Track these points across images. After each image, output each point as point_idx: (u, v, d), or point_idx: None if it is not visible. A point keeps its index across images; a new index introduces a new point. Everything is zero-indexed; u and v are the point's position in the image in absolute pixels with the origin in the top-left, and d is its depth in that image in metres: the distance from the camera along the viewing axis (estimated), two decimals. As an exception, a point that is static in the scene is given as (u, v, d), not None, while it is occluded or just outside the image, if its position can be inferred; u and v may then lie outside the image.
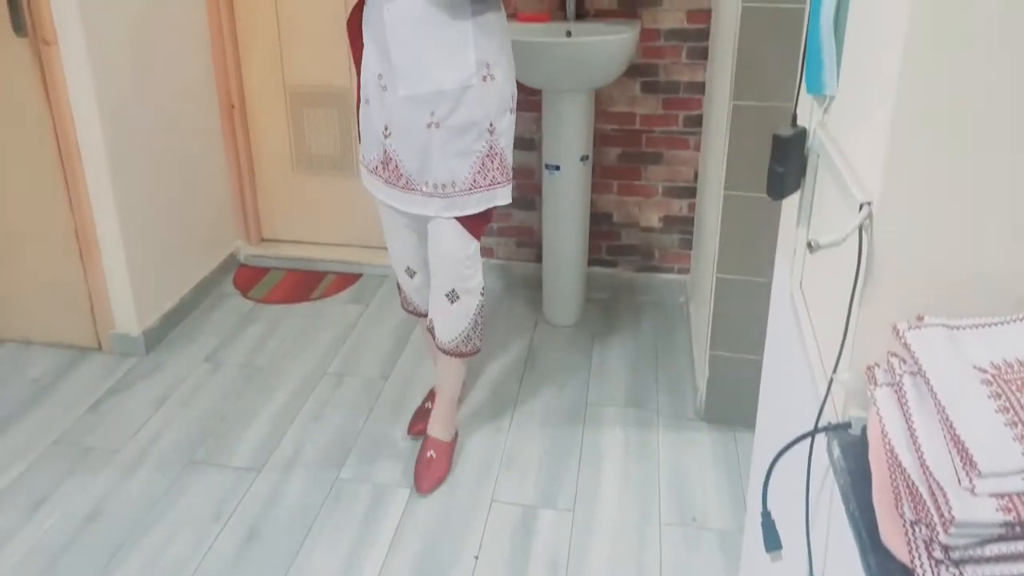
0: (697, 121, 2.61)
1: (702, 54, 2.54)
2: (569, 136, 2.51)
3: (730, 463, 2.12)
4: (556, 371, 2.51)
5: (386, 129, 1.83)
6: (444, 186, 1.83)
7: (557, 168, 2.54)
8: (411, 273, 2.07)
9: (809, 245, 0.80)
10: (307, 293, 2.97)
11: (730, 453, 2.15)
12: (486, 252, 2.92)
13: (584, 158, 2.55)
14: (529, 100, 2.64)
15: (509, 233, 2.90)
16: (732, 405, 2.18)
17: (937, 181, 0.78)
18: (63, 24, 2.25)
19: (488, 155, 1.84)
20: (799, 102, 1.05)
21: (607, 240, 2.83)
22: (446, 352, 2.03)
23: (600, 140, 2.69)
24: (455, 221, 1.87)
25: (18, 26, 2.26)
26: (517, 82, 1.88)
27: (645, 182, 2.73)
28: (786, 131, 1.01)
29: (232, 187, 3.04)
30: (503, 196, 1.88)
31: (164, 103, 2.62)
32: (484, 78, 1.78)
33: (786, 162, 1.02)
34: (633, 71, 2.56)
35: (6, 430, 2.27)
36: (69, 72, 2.30)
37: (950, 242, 0.79)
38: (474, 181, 1.83)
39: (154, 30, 2.56)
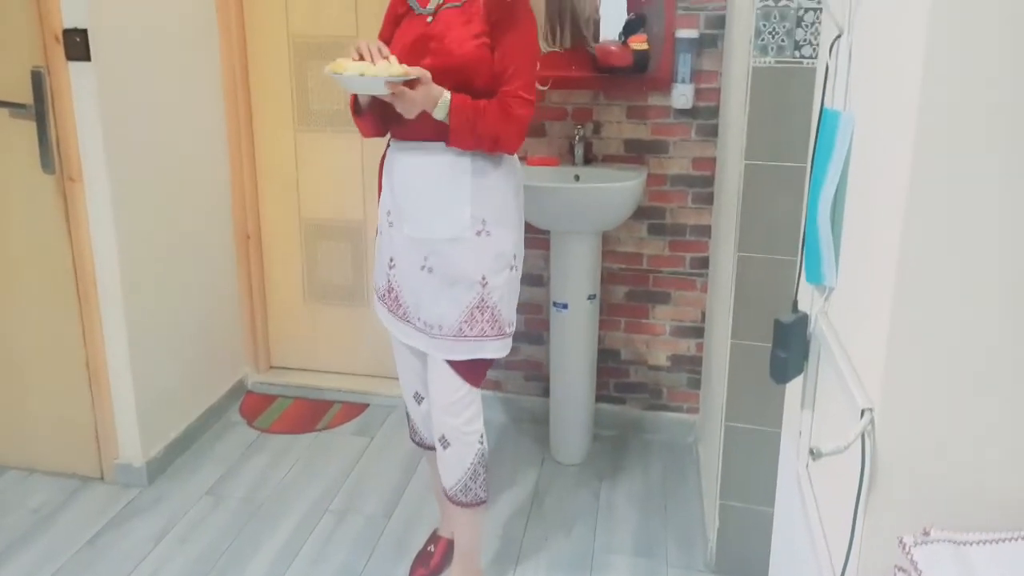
0: (704, 263, 2.65)
1: (708, 199, 2.60)
2: (577, 275, 2.55)
3: (741, 620, 2.05)
4: (563, 513, 2.46)
5: (391, 261, 1.92)
6: (433, 327, 1.86)
7: (565, 306, 2.57)
8: (419, 399, 2.06)
9: (811, 452, 0.80)
10: (313, 423, 2.95)
11: (741, 608, 2.08)
12: (493, 385, 2.92)
13: (592, 297, 2.58)
14: (538, 238, 2.70)
15: (517, 367, 2.91)
16: (744, 558, 2.12)
17: (939, 389, 0.78)
18: (89, 162, 2.34)
19: (478, 307, 1.84)
20: (800, 287, 1.07)
21: (615, 377, 2.83)
22: (449, 498, 2.00)
23: (608, 278, 2.73)
24: (445, 362, 1.88)
25: (46, 164, 2.34)
26: (526, 221, 1.94)
27: (653, 321, 2.74)
28: (787, 317, 1.02)
29: (244, 315, 3.08)
30: (492, 350, 1.87)
31: (182, 235, 2.69)
32: (478, 233, 1.81)
33: (788, 347, 1.03)
34: (640, 213, 2.62)
35: (4, 563, 2.22)
36: (91, 208, 2.37)
37: (955, 452, 0.78)
38: (460, 329, 1.84)
39: (177, 167, 2.65)
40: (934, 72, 0.72)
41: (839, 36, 0.96)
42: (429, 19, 1.80)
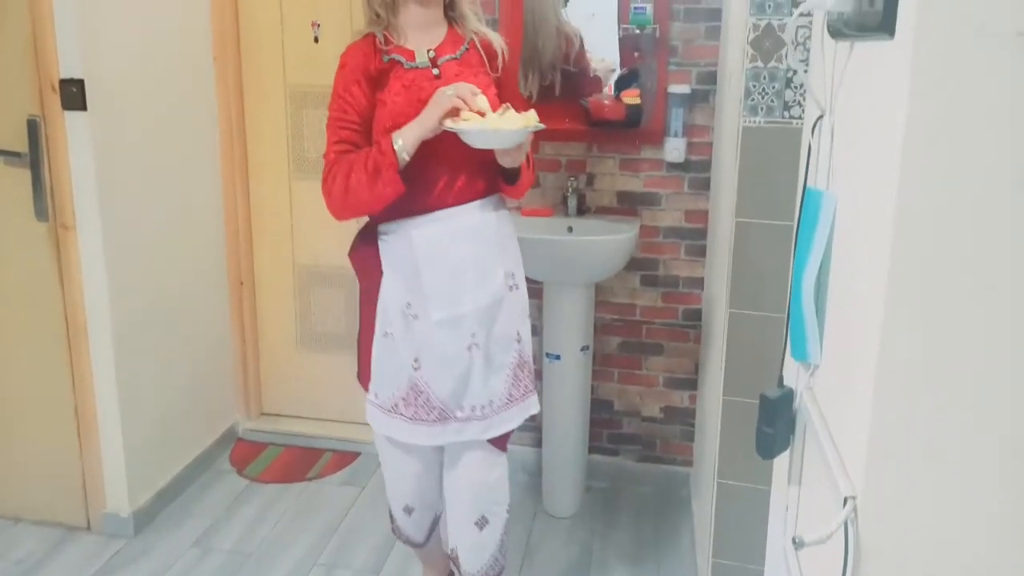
0: (696, 315, 2.65)
1: (700, 251, 2.60)
2: (570, 327, 2.54)
3: None
4: (555, 569, 2.42)
5: (416, 361, 1.72)
6: (483, 407, 1.75)
7: (558, 357, 2.56)
8: (409, 511, 1.94)
9: (794, 542, 0.79)
10: (303, 472, 2.92)
11: (733, 671, 2.04)
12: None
13: (585, 348, 2.57)
14: (531, 288, 2.69)
15: (509, 417, 2.88)
16: (735, 618, 2.08)
17: (924, 477, 0.77)
18: (82, 210, 2.34)
19: (519, 365, 1.79)
20: (785, 363, 1.07)
21: (608, 428, 2.81)
22: None
23: (601, 329, 2.72)
24: (485, 442, 1.79)
25: (40, 211, 2.35)
26: None
27: (646, 372, 2.73)
28: (773, 392, 1.02)
29: (235, 361, 3.07)
30: (534, 404, 1.82)
31: (175, 282, 2.69)
32: (510, 288, 1.77)
33: (774, 423, 1.02)
34: (633, 265, 2.63)
35: (-19, 620, 2.19)
36: (84, 256, 2.37)
37: (940, 543, 0.77)
38: (510, 395, 1.77)
39: (171, 214, 2.65)
40: (913, 154, 0.73)
41: (821, 116, 0.97)
42: (435, 71, 1.71)
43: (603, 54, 2.65)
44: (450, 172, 1.70)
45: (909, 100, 0.73)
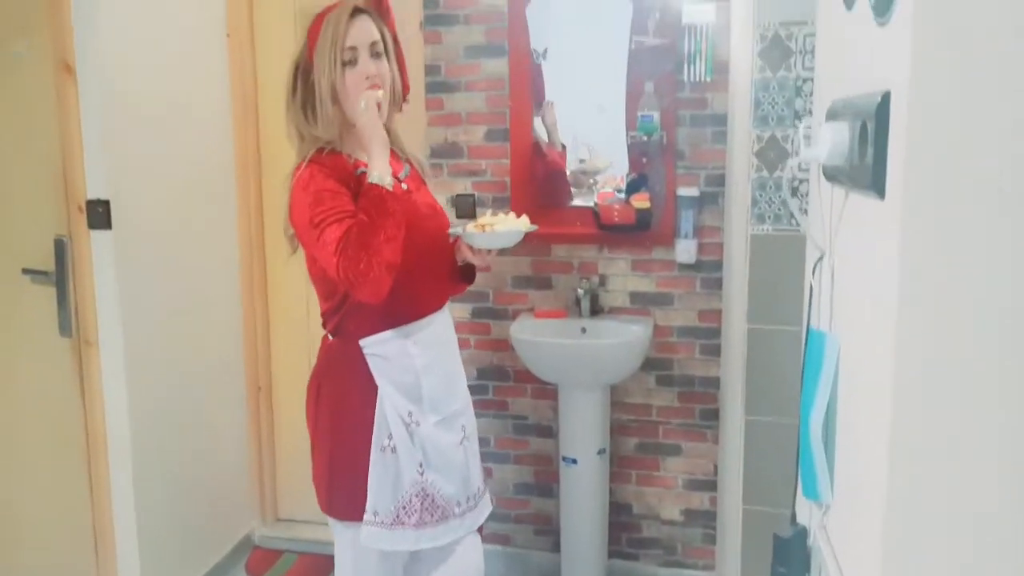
0: (714, 414, 2.63)
1: (715, 351, 2.61)
2: (585, 430, 2.53)
3: None
4: None
5: (421, 466, 1.71)
6: (472, 496, 1.82)
7: (574, 461, 2.54)
8: None
9: None
10: (320, 579, 2.88)
11: None
12: (501, 539, 2.86)
13: (601, 451, 2.55)
14: (546, 388, 2.71)
15: (526, 520, 2.85)
16: None
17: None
18: (105, 326, 2.38)
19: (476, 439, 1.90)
20: (798, 499, 1.06)
21: (628, 532, 2.76)
22: None
23: (617, 430, 2.71)
24: (475, 532, 1.84)
25: (64, 327, 2.40)
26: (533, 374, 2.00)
27: (664, 473, 2.70)
28: (786, 532, 1.01)
29: (252, 468, 3.06)
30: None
31: (193, 392, 2.71)
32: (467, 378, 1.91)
33: (788, 562, 1.01)
34: (648, 364, 2.63)
35: None
36: (105, 370, 2.40)
37: None
38: (483, 479, 1.90)
39: (191, 326, 2.70)
40: (909, 304, 0.75)
41: (821, 257, 0.99)
42: (404, 186, 1.71)
43: (612, 159, 2.72)
44: (432, 281, 1.78)
45: (900, 260, 0.75)
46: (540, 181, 2.71)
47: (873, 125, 0.80)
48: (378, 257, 1.51)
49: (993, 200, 0.72)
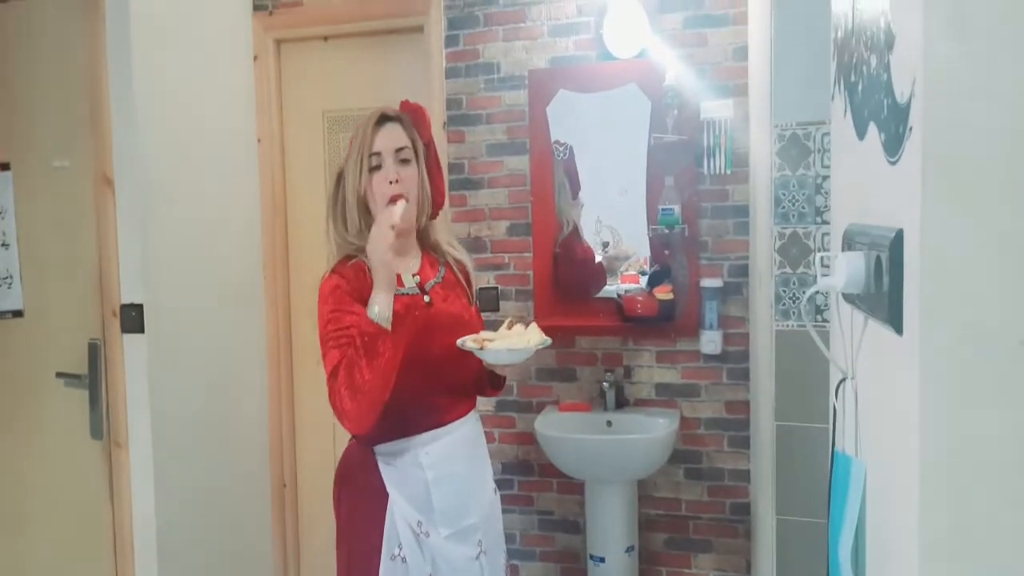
0: (745, 509, 2.58)
1: (744, 443, 2.57)
2: (613, 526, 2.49)
3: None
4: None
5: None
6: None
7: (602, 560, 2.49)
8: None
9: None
10: None
11: None
12: (534, 640, 2.79)
13: (630, 549, 2.51)
14: (572, 483, 2.68)
15: (557, 619, 2.79)
16: None
17: None
18: (135, 428, 2.41)
19: (507, 564, 1.85)
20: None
21: (661, 632, 2.69)
22: None
23: (646, 525, 2.66)
24: None
25: (96, 430, 2.43)
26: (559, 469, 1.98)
27: (696, 571, 2.64)
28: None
29: (277, 565, 3.04)
30: None
31: (219, 491, 2.71)
32: (494, 491, 1.85)
33: None
34: (676, 457, 2.60)
35: None
36: (135, 472, 2.42)
37: None
38: None
39: (218, 426, 2.71)
40: (930, 432, 0.75)
41: (843, 380, 0.99)
42: (426, 298, 1.74)
43: (635, 251, 2.74)
44: (447, 393, 1.75)
45: (920, 398, 0.75)
46: (577, 267, 2.72)
47: (887, 258, 0.81)
48: (362, 396, 1.52)
49: (1013, 348, 0.72)
